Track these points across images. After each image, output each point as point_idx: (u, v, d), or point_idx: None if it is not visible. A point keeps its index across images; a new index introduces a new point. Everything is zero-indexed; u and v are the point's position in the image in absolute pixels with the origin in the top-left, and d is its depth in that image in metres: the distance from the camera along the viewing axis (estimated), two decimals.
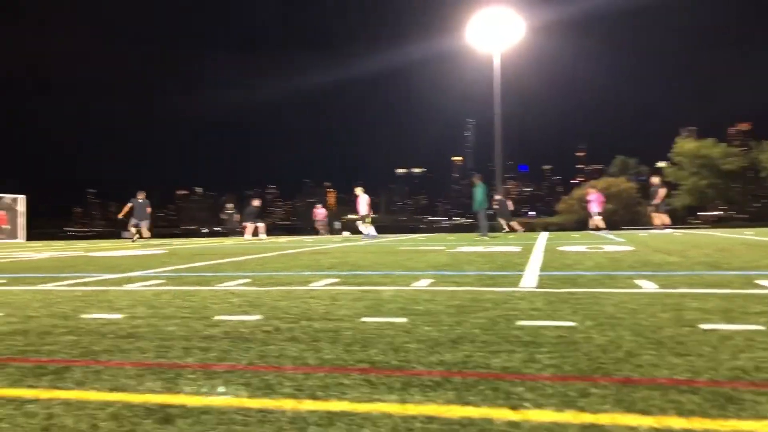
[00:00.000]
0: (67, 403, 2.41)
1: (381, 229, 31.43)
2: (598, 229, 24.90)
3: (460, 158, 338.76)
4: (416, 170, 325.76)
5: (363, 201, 23.66)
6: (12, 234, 36.50)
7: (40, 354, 3.21)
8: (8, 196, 37.07)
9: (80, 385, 2.65)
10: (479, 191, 20.46)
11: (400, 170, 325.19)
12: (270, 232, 32.55)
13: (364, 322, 3.88)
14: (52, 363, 3.01)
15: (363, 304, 4.60)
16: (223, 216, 33.39)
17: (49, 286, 6.48)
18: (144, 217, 24.48)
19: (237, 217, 32.94)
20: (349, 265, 8.61)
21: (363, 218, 23.39)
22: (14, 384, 2.68)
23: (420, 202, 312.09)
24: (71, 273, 8.24)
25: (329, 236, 29.22)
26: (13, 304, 5.10)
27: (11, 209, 37.08)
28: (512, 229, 27.64)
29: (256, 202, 28.45)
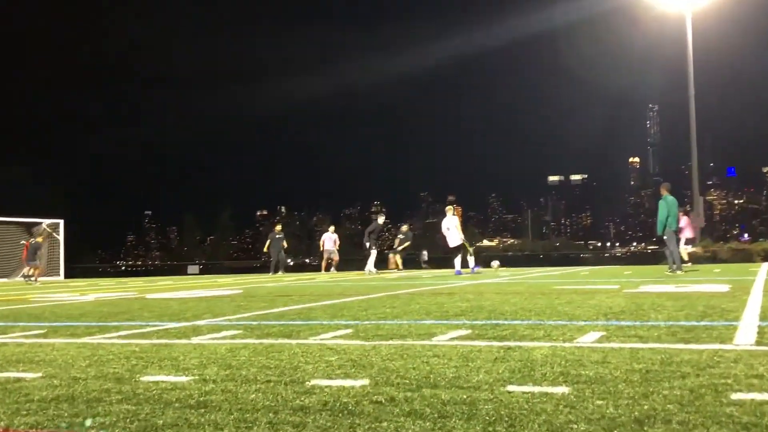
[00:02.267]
0: None
1: (529, 260, 31.14)
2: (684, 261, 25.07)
3: (638, 160, 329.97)
4: (575, 177, 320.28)
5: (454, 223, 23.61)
6: (51, 269, 39.12)
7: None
8: (46, 221, 39.78)
9: None
10: (663, 207, 19.70)
11: (553, 178, 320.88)
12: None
13: (509, 392, 3.84)
14: None
15: (506, 367, 4.55)
16: (269, 242, 33.03)
17: (97, 339, 6.88)
18: (32, 258, 29.20)
19: (284, 244, 33.26)
20: (485, 310, 8.56)
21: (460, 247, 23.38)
22: None
23: (582, 222, 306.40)
24: (125, 321, 8.71)
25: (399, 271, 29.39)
26: (54, 362, 5.46)
27: (51, 237, 39.77)
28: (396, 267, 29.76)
29: (380, 219, 29.59)
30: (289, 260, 37.49)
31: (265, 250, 33.35)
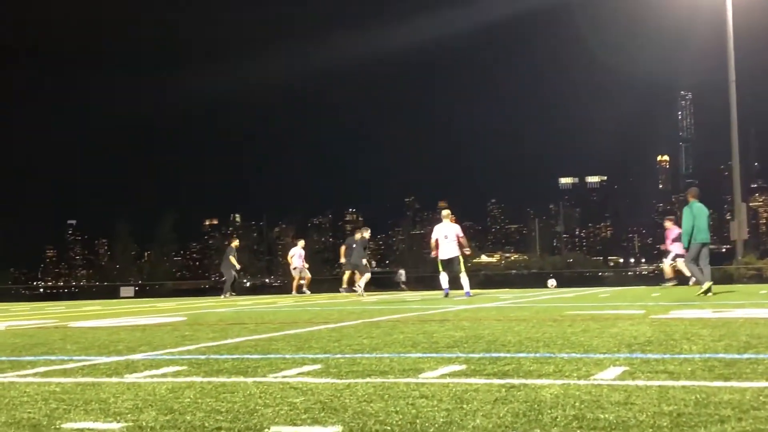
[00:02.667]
0: None
1: (537, 279, 31.51)
2: (667, 279, 29.67)
3: (668, 158, 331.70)
4: (592, 179, 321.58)
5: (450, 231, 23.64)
6: None
7: None
8: None
9: None
10: (688, 215, 20.04)
11: (565, 180, 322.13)
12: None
13: None
14: None
15: (509, 409, 4.56)
16: (228, 259, 34.39)
17: (9, 377, 6.81)
18: None
19: (237, 264, 34.06)
20: (484, 341, 8.56)
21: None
22: None
23: (600, 233, 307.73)
24: (42, 355, 8.64)
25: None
26: None
27: None
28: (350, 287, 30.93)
29: (366, 234, 30.39)
30: (245, 281, 38.06)
31: (239, 267, 34.07)
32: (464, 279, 23.27)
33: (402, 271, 42.72)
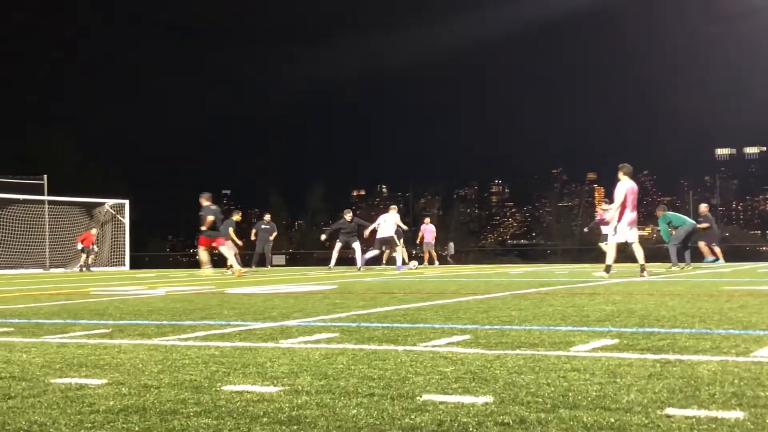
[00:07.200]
0: None
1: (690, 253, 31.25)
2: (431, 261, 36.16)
3: None
4: (751, 150, 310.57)
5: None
6: (116, 258, 40.36)
7: None
8: (110, 202, 41.02)
9: None
10: (663, 222, 25.43)
11: (721, 151, 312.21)
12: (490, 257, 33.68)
13: (668, 415, 3.79)
14: None
15: (664, 385, 4.49)
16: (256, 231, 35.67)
17: (171, 340, 7.10)
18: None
19: (273, 235, 34.31)
20: (636, 315, 8.44)
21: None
22: None
23: (759, 206, 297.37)
24: (201, 320, 8.95)
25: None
26: (122, 366, 5.65)
27: (115, 220, 41.03)
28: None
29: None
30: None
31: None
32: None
33: (452, 244, 44.27)
